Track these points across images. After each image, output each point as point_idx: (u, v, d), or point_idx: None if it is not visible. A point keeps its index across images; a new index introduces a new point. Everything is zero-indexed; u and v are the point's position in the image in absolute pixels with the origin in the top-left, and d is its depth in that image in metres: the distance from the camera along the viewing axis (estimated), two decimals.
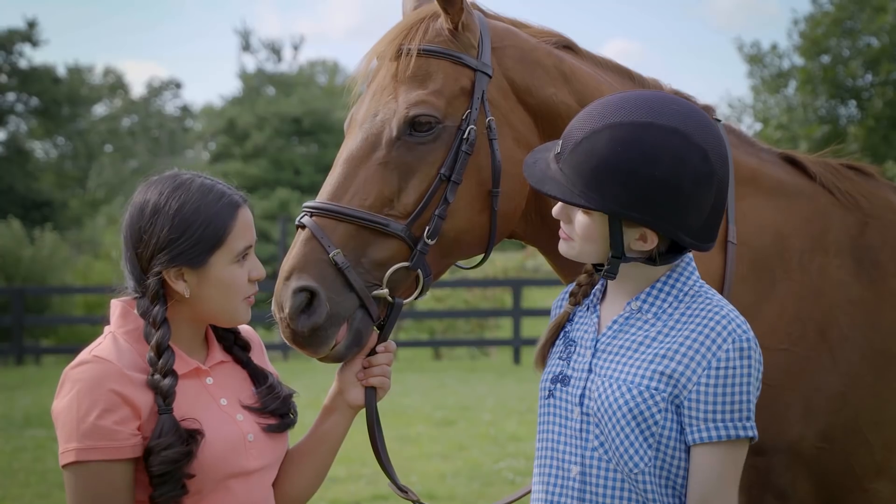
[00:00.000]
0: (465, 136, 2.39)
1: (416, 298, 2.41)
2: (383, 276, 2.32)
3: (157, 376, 2.11)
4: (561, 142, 2.12)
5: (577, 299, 2.25)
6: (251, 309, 2.29)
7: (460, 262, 2.55)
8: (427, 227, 2.35)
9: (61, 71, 46.87)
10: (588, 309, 2.22)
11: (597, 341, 2.14)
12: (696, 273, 2.16)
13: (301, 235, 2.34)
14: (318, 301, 2.25)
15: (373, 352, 2.36)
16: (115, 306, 2.24)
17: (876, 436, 2.58)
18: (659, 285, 2.12)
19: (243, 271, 2.22)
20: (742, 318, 2.06)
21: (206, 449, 2.13)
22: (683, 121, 2.02)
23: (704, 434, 2.00)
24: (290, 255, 2.33)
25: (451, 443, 9.45)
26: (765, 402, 2.53)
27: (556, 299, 2.36)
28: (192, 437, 2.11)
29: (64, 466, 2.08)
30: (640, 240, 2.06)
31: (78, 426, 2.05)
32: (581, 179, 2.03)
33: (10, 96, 42.99)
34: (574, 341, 2.19)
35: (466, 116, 2.41)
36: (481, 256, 2.56)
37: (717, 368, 1.99)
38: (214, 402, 2.23)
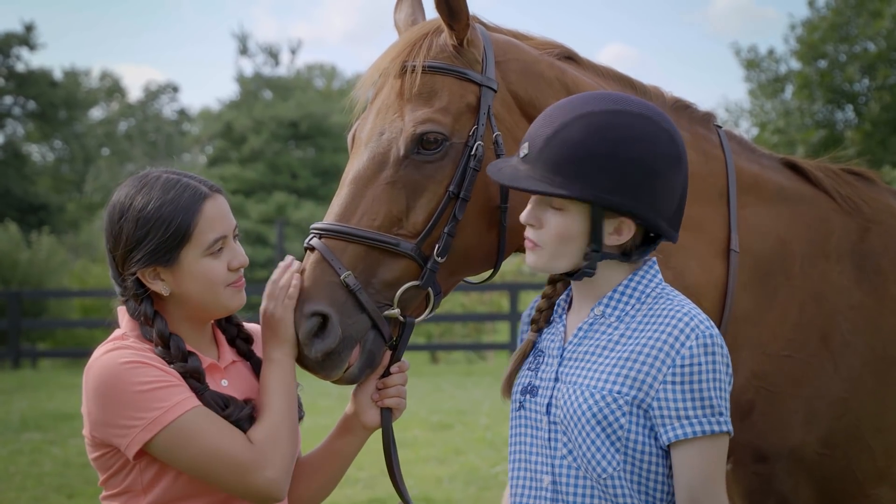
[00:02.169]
0: (472, 152, 2.36)
1: (426, 316, 2.38)
2: (394, 295, 2.29)
3: (178, 363, 2.11)
4: (526, 144, 2.12)
5: (539, 325, 2.25)
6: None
7: (468, 277, 2.53)
8: (437, 245, 2.32)
9: (58, 74, 46.73)
10: (554, 320, 2.23)
11: (563, 350, 2.15)
12: (659, 275, 2.16)
13: (311, 258, 2.30)
14: (331, 325, 2.22)
15: (386, 372, 2.35)
16: (123, 312, 2.24)
17: (878, 441, 2.59)
18: (621, 288, 2.12)
19: (219, 263, 2.19)
20: (705, 315, 2.06)
21: None
22: (647, 108, 2.09)
23: (679, 431, 1.99)
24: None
25: (448, 447, 9.44)
26: (767, 409, 2.54)
27: (524, 314, 2.36)
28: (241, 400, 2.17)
29: (147, 444, 2.05)
30: (615, 233, 2.07)
31: (139, 398, 2.05)
32: (559, 171, 2.03)
33: (7, 100, 42.87)
34: (542, 352, 2.20)
35: (473, 132, 2.38)
36: (490, 272, 2.53)
37: (682, 366, 1.99)
38: None
